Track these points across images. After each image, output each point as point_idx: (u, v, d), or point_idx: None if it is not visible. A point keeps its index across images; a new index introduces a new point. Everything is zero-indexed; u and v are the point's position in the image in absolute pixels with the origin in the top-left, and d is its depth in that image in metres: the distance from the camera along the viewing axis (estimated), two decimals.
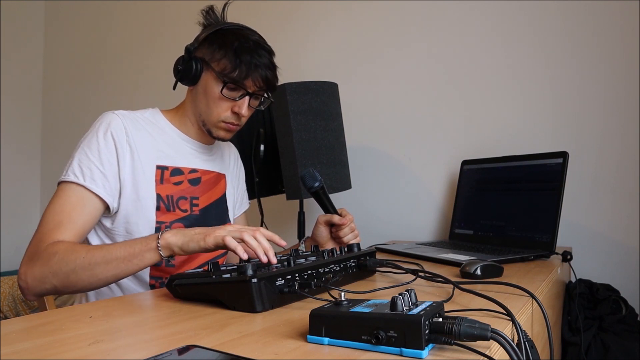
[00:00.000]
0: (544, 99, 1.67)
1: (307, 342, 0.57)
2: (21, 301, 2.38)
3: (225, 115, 1.14)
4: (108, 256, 0.95)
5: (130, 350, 0.56)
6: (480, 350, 0.52)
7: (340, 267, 0.89)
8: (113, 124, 1.10)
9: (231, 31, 1.14)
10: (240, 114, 1.13)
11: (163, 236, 0.93)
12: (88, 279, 0.95)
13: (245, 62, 1.10)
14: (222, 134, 1.17)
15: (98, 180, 1.06)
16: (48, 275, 0.96)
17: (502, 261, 1.10)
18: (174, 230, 0.95)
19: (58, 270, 0.95)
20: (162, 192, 1.14)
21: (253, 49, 1.11)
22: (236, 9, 2.24)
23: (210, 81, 1.13)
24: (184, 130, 1.22)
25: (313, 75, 2.00)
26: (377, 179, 1.96)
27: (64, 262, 0.95)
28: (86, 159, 1.07)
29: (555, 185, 1.33)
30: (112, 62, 2.82)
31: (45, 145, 3.14)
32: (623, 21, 1.55)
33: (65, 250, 0.96)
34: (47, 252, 0.97)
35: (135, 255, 0.94)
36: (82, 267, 0.94)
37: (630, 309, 1.38)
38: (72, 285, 0.96)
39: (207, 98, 1.14)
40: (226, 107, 1.14)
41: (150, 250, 0.94)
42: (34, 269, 0.97)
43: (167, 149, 1.18)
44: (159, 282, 1.14)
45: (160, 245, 0.93)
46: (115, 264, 0.94)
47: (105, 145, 1.08)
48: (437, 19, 1.86)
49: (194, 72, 1.13)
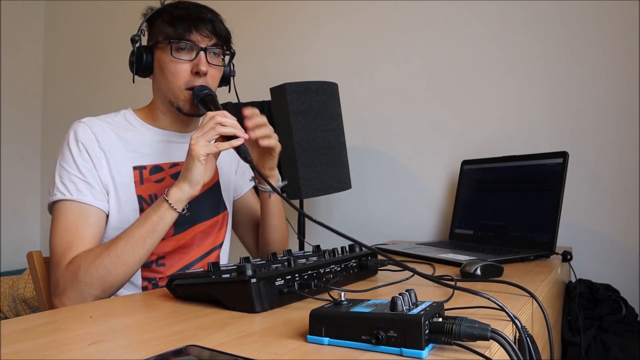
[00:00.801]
0: (543, 99, 1.67)
1: (307, 342, 0.57)
2: (21, 301, 2.38)
3: (187, 79, 1.10)
4: (132, 240, 0.97)
5: (130, 350, 0.56)
6: (480, 350, 0.52)
7: (341, 267, 0.89)
8: (80, 133, 1.09)
9: (165, 5, 1.14)
10: (201, 70, 1.08)
11: (170, 196, 0.97)
12: (123, 270, 0.97)
13: (185, 19, 1.08)
14: (189, 105, 1.12)
15: (84, 190, 1.05)
16: (84, 291, 0.96)
17: (502, 261, 1.10)
18: (174, 186, 0.99)
19: (91, 280, 0.96)
20: (143, 193, 1.11)
21: (189, 8, 1.11)
22: (237, 9, 2.25)
23: (160, 56, 1.12)
24: (157, 124, 1.19)
25: (313, 75, 2.00)
26: (377, 179, 1.96)
27: (93, 269, 0.95)
28: (66, 173, 1.06)
29: (555, 185, 1.33)
30: (112, 62, 2.82)
31: (45, 145, 3.14)
32: (623, 21, 1.55)
33: (85, 260, 0.97)
34: (70, 272, 0.97)
35: (157, 223, 0.98)
36: (113, 263, 0.96)
37: (630, 309, 1.38)
38: (111, 284, 0.98)
39: (164, 72, 1.11)
40: (184, 71, 1.09)
41: (165, 210, 0.98)
42: (68, 295, 0.97)
43: (143, 148, 1.15)
44: (151, 284, 1.12)
45: (173, 204, 0.97)
46: (141, 241, 0.97)
47: (79, 154, 1.07)
48: (437, 19, 1.86)
49: (145, 60, 1.12)
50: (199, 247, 1.18)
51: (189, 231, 1.16)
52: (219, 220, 1.23)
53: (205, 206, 1.20)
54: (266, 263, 0.83)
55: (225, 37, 1.15)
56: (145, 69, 1.14)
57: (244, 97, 1.35)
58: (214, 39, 1.12)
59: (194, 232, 1.17)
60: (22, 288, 2.38)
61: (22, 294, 2.37)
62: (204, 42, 1.11)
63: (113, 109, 1.22)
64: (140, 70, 1.14)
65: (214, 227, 1.22)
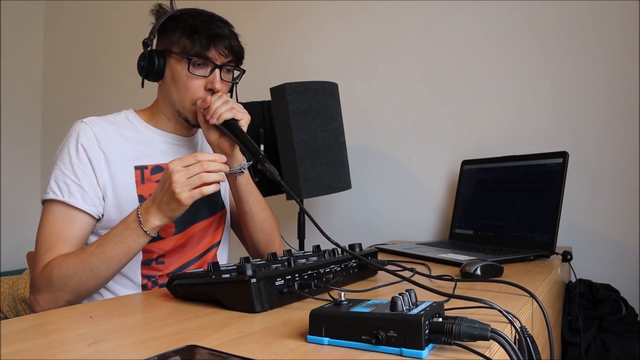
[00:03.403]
0: (543, 99, 1.67)
1: (307, 342, 0.57)
2: (21, 301, 2.38)
3: (199, 95, 1.10)
4: (107, 258, 0.98)
5: (130, 350, 0.56)
6: (480, 350, 0.52)
7: (341, 267, 0.89)
8: (82, 134, 1.09)
9: (182, 13, 1.13)
10: (215, 88, 1.09)
11: (146, 221, 0.97)
12: (96, 282, 1.00)
13: (204, 34, 1.08)
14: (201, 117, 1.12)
15: (76, 193, 1.06)
16: (57, 294, 0.99)
17: (502, 261, 1.10)
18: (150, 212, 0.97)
19: (64, 288, 0.99)
20: (144, 193, 1.11)
21: (208, 21, 1.10)
22: (237, 9, 2.25)
23: (175, 66, 1.11)
24: (160, 126, 1.18)
25: (313, 75, 2.00)
26: (377, 179, 1.96)
27: (66, 278, 0.98)
28: (61, 174, 1.07)
29: (555, 185, 1.33)
30: (112, 62, 2.82)
31: (45, 145, 3.14)
32: (623, 21, 1.55)
33: (59, 268, 0.98)
34: (45, 275, 1.00)
35: (132, 247, 0.99)
36: (87, 277, 0.98)
37: (630, 309, 1.38)
38: (83, 294, 1.01)
39: (177, 84, 1.11)
40: (198, 86, 1.10)
41: (141, 237, 0.98)
42: (42, 295, 1.00)
43: (144, 149, 1.15)
44: (151, 281, 1.13)
45: (148, 230, 0.98)
46: (116, 260, 0.99)
47: (77, 157, 1.08)
48: (436, 19, 1.86)
49: (157, 65, 1.11)
50: (198, 246, 1.19)
51: (188, 230, 1.17)
52: (216, 219, 1.24)
53: (204, 205, 1.20)
54: (266, 263, 0.83)
55: (240, 54, 1.14)
56: (156, 75, 1.13)
57: (244, 97, 1.35)
58: (230, 57, 1.11)
59: (193, 231, 1.18)
60: (22, 288, 2.37)
61: (22, 294, 2.37)
62: (220, 59, 1.10)
63: (113, 108, 1.22)
64: (150, 76, 1.13)
65: (212, 226, 1.22)
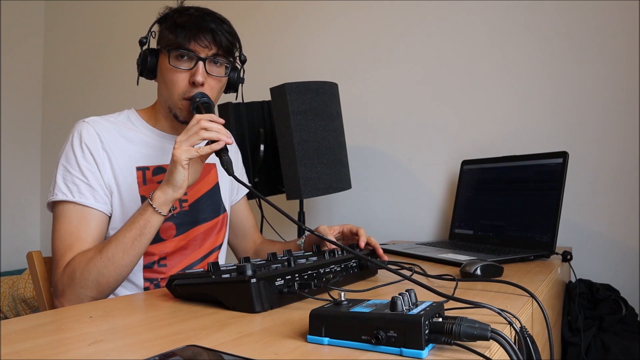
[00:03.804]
0: (543, 99, 1.67)
1: (307, 342, 0.57)
2: (21, 301, 2.38)
3: (184, 89, 1.08)
4: (121, 243, 0.98)
5: (130, 350, 0.56)
6: (480, 350, 0.52)
7: (341, 267, 0.89)
8: (85, 134, 1.09)
9: (173, 10, 1.13)
10: (196, 81, 1.06)
11: (154, 198, 0.98)
12: (115, 272, 0.99)
13: (185, 25, 1.07)
14: (186, 114, 1.10)
15: (86, 193, 1.06)
16: (81, 292, 0.99)
17: (502, 261, 1.10)
18: (158, 189, 0.99)
19: (85, 283, 0.98)
20: (146, 193, 1.11)
21: (195, 16, 1.09)
22: (237, 9, 2.25)
23: (162, 62, 1.11)
24: (159, 126, 1.19)
25: (313, 75, 2.00)
26: (377, 179, 1.96)
27: (87, 272, 0.98)
28: (68, 174, 1.07)
29: (555, 185, 1.33)
30: (112, 62, 2.82)
31: (45, 145, 3.14)
32: (623, 21, 1.55)
33: (79, 263, 0.99)
34: (67, 275, 1.00)
35: (143, 226, 0.98)
36: (105, 266, 0.97)
37: (630, 309, 1.38)
38: (105, 287, 1.00)
39: (164, 79, 1.11)
40: (182, 80, 1.08)
41: (150, 214, 0.98)
42: (66, 297, 1.00)
43: (145, 149, 1.15)
44: (153, 284, 1.13)
45: (157, 208, 0.98)
46: (130, 244, 0.98)
47: (82, 156, 1.08)
48: (436, 19, 1.86)
49: (149, 63, 1.12)
50: (200, 248, 1.19)
51: (190, 232, 1.17)
52: (219, 222, 1.23)
53: (206, 208, 1.20)
54: (266, 263, 0.83)
55: (227, 47, 1.12)
56: (150, 72, 1.14)
57: (244, 97, 1.35)
58: (214, 49, 1.09)
59: (195, 233, 1.18)
60: (22, 288, 2.38)
61: (22, 294, 2.37)
62: (204, 52, 1.09)
63: (113, 108, 1.22)
64: (144, 73, 1.15)
65: (214, 229, 1.22)
